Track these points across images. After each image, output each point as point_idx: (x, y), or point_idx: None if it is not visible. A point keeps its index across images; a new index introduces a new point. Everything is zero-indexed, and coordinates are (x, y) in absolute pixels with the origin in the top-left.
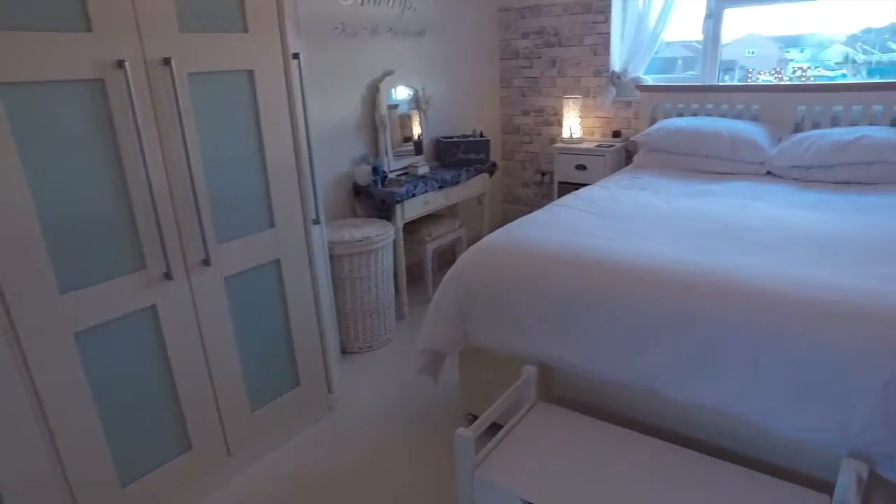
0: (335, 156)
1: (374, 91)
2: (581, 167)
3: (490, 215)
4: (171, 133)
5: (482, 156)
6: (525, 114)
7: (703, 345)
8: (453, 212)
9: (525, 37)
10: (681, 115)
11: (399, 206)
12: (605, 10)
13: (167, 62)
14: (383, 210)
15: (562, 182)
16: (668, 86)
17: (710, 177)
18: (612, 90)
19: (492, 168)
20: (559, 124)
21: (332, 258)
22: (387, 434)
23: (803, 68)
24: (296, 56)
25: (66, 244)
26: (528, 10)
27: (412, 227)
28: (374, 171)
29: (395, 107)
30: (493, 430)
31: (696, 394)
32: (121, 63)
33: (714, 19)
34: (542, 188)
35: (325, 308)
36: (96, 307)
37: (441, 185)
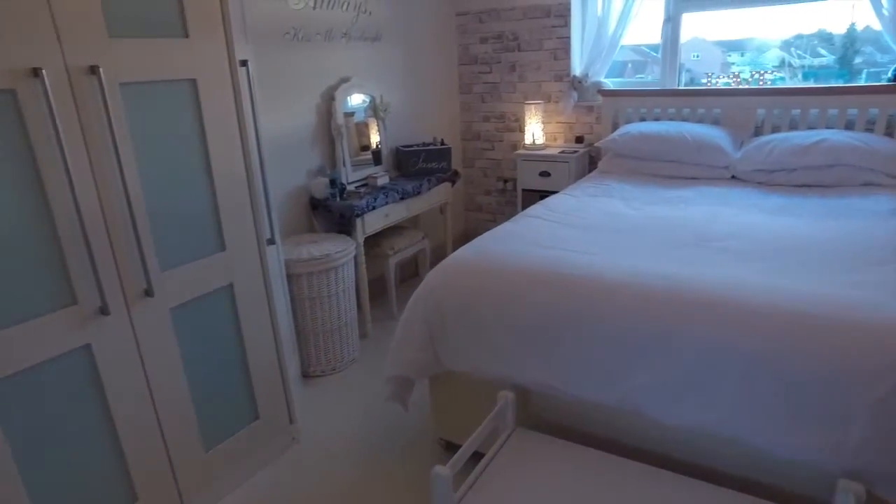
0: (290, 168)
1: (329, 99)
2: (545, 174)
3: (453, 225)
4: (102, 149)
5: (444, 164)
6: (486, 120)
7: (691, 364)
8: (415, 223)
9: (484, 41)
10: (643, 119)
11: (359, 220)
12: (565, 15)
13: (94, 70)
14: (342, 224)
15: (526, 189)
16: (630, 90)
17: (675, 182)
18: (574, 95)
19: (454, 177)
20: (521, 130)
21: (290, 277)
22: (356, 466)
23: (762, 73)
24: (244, 63)
25: None
26: (487, 15)
27: (373, 240)
28: (332, 183)
29: (352, 115)
30: (471, 458)
31: (685, 417)
32: (36, 71)
33: (672, 23)
34: (504, 196)
35: (284, 332)
36: (16, 352)
37: (402, 197)
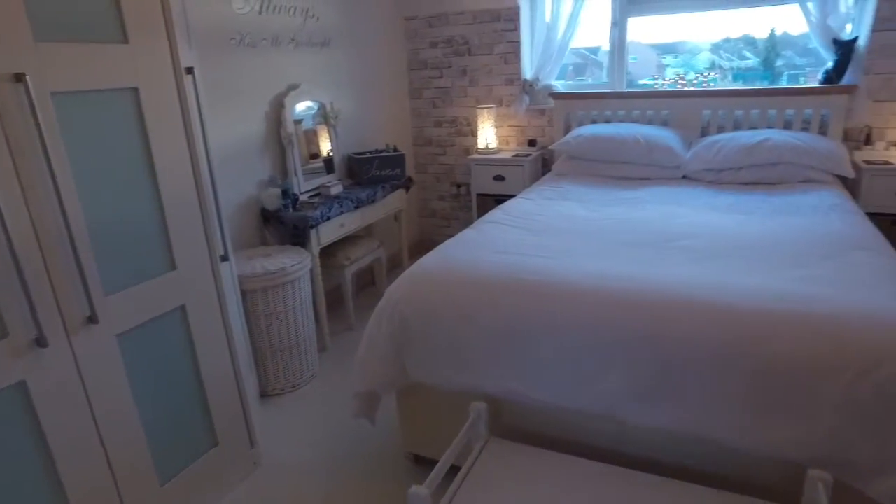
0: (239, 180)
1: (278, 107)
2: (499, 178)
3: (407, 232)
4: (33, 165)
5: (397, 171)
6: (437, 125)
7: (662, 365)
8: (369, 231)
9: (434, 46)
10: (594, 121)
11: (314, 231)
12: (514, 19)
13: (20, 79)
14: (296, 236)
15: (480, 194)
16: (581, 93)
17: (629, 183)
18: (526, 98)
19: (408, 183)
20: (473, 135)
21: (244, 294)
22: (322, 487)
23: (705, 75)
24: (189, 71)
25: None
26: (436, 19)
27: (328, 251)
28: (284, 194)
29: (302, 122)
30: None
31: (658, 418)
32: None
33: (619, 27)
34: (458, 201)
35: (240, 352)
36: None
37: (357, 205)
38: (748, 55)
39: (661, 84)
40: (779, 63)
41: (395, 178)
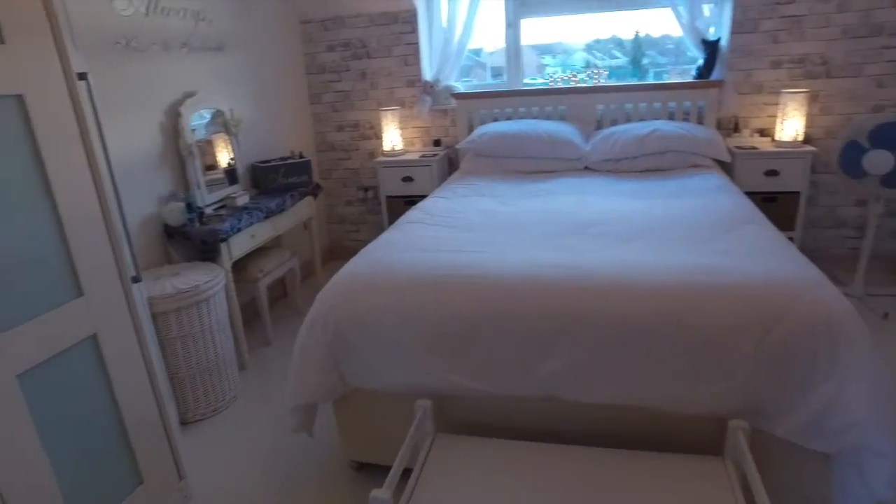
0: (136, 196)
1: (174, 116)
2: (408, 179)
3: (318, 240)
4: None
5: (304, 178)
6: (340, 129)
7: (597, 344)
8: (278, 242)
9: (331, 49)
10: (496, 119)
11: (224, 245)
12: (412, 21)
13: None
14: (205, 251)
15: (390, 196)
16: (482, 93)
17: (536, 176)
18: (428, 100)
19: (316, 190)
20: (377, 137)
21: (155, 317)
22: None
23: (599, 72)
24: (83, 76)
25: None
26: (332, 22)
27: (239, 265)
28: (189, 208)
29: (201, 132)
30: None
31: (597, 393)
32: None
33: (514, 28)
34: (367, 205)
35: (160, 380)
36: None
37: (267, 215)
38: (617, 54)
39: (557, 81)
40: (644, 61)
41: (303, 185)
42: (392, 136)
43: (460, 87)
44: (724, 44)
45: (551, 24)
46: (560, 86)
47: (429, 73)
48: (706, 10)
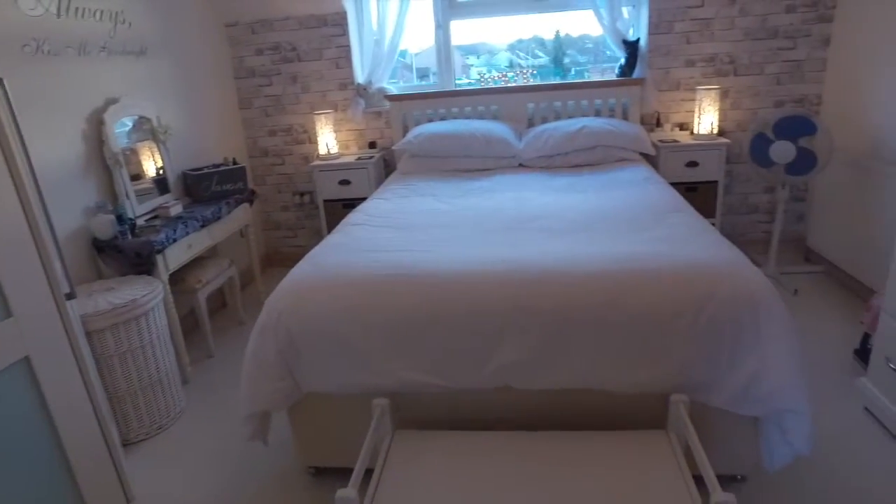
0: (60, 208)
1: (97, 124)
2: (345, 182)
3: (256, 247)
4: None
5: (239, 184)
6: (272, 134)
7: (544, 334)
8: (214, 251)
9: (260, 53)
10: (430, 120)
11: (160, 257)
12: (342, 23)
13: None
14: (139, 264)
15: (327, 200)
16: (415, 94)
17: (473, 174)
18: (361, 102)
19: (251, 196)
20: (311, 142)
21: (90, 335)
22: None
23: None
24: None
25: None
26: (259, 25)
27: (176, 276)
28: (119, 219)
29: (123, 140)
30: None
31: (547, 380)
32: None
33: (444, 30)
34: (303, 210)
35: (100, 400)
36: None
37: (203, 224)
38: (540, 54)
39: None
40: (566, 60)
41: (238, 192)
42: (327, 140)
43: (393, 89)
44: (643, 44)
45: (475, 25)
46: (491, 86)
47: (361, 76)
48: (625, 12)
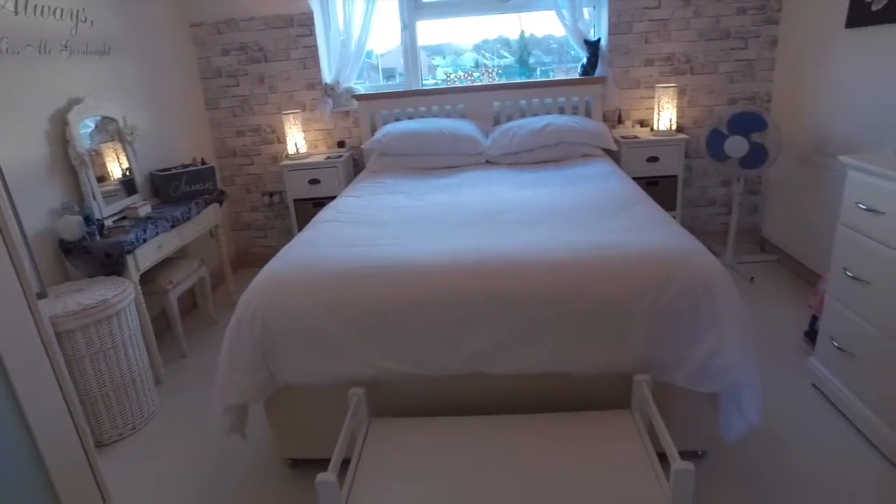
0: (24, 210)
1: (61, 124)
2: (315, 181)
3: (226, 247)
4: None
5: (209, 185)
6: (240, 135)
7: (513, 320)
8: (184, 252)
9: (226, 53)
10: (398, 119)
11: (131, 257)
12: (308, 24)
13: None
14: (109, 265)
15: (297, 199)
16: (383, 93)
17: (441, 172)
18: (329, 102)
19: (221, 196)
20: (279, 142)
21: (60, 336)
22: None
23: (492, 71)
24: None
25: None
26: (225, 25)
27: (147, 276)
28: (87, 220)
29: (86, 141)
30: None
31: (516, 364)
32: None
33: (410, 30)
34: (273, 210)
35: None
36: None
37: (173, 224)
38: (505, 54)
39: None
40: (531, 60)
41: (207, 192)
42: (296, 139)
43: (361, 88)
44: (603, 44)
45: (441, 25)
46: (458, 85)
47: (328, 76)
48: (586, 12)
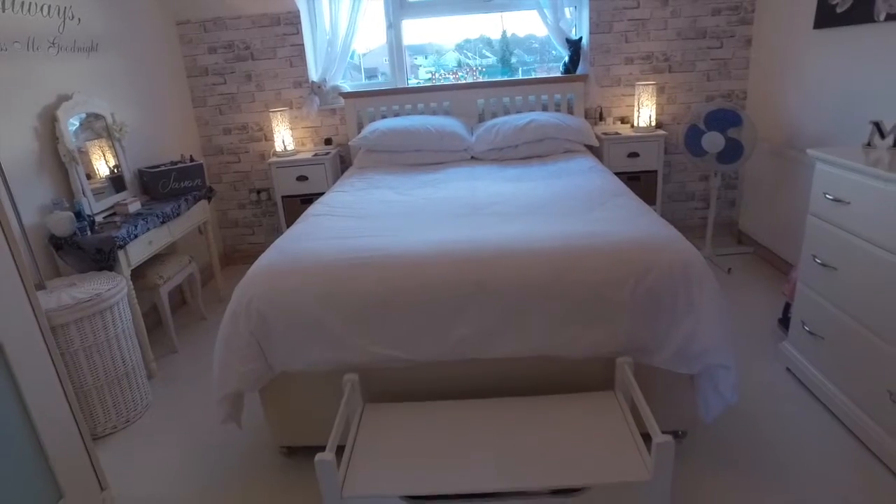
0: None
1: (50, 121)
2: (302, 178)
3: (215, 244)
4: None
5: (197, 181)
6: (227, 132)
7: (500, 306)
8: (173, 248)
9: (213, 51)
10: (384, 116)
11: (122, 252)
12: (295, 22)
13: None
14: (100, 260)
15: (285, 196)
16: (369, 91)
17: (427, 168)
18: (316, 100)
19: (209, 193)
20: (266, 139)
21: (55, 329)
22: None
23: (473, 70)
24: None
25: None
26: (212, 24)
27: (138, 272)
28: (78, 216)
29: (78, 137)
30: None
31: (504, 348)
32: None
33: (395, 29)
34: (261, 207)
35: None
36: None
37: (163, 220)
38: (487, 54)
39: (440, 80)
40: (513, 60)
41: (196, 188)
42: (283, 137)
43: (347, 86)
44: (585, 43)
45: (424, 25)
46: (443, 83)
47: (315, 74)
48: (567, 12)
